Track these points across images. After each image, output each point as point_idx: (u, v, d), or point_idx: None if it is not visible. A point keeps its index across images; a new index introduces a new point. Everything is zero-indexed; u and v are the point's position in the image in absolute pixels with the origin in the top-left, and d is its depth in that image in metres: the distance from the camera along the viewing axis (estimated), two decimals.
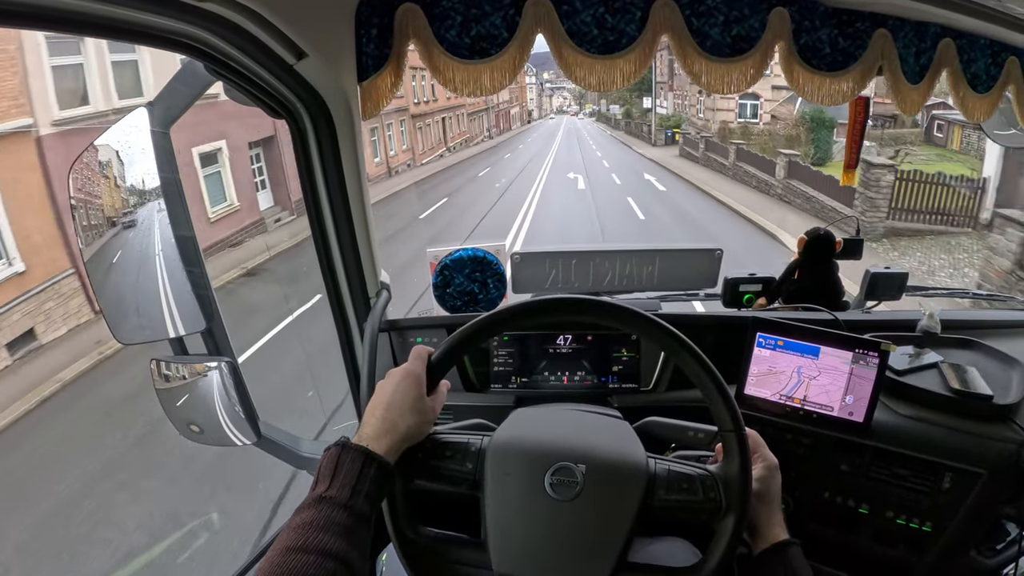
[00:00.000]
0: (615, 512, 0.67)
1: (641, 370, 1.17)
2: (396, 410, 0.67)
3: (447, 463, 0.70)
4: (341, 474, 0.61)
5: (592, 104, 63.64)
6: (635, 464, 0.70)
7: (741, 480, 0.68)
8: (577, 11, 0.98)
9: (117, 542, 3.44)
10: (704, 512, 0.68)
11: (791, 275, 1.33)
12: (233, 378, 0.97)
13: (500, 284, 1.28)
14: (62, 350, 6.34)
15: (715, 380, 0.69)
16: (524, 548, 0.66)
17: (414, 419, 0.68)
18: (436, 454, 0.71)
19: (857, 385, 0.97)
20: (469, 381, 1.19)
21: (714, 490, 0.68)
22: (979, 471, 0.95)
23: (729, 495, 0.68)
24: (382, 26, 0.98)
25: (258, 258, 8.87)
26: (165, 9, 0.68)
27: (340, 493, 0.60)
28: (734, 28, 1.02)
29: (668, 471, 0.70)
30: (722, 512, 0.68)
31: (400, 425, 0.67)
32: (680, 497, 0.68)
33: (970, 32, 1.11)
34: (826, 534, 1.04)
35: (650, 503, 0.67)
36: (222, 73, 0.84)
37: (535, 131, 46.46)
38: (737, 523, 0.67)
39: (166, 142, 0.91)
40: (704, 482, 0.69)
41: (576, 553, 0.66)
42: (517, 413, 0.78)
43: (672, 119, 27.31)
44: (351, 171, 1.02)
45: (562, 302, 0.73)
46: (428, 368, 0.72)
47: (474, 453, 0.71)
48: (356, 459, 0.62)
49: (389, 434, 0.66)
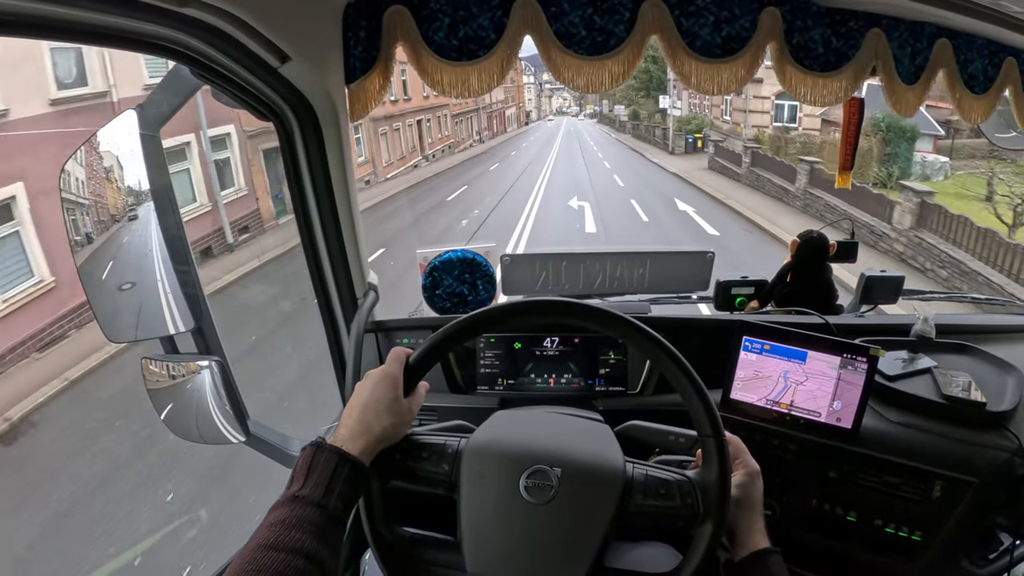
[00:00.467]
0: (590, 516, 0.67)
1: (628, 373, 1.17)
2: (372, 411, 0.68)
3: (423, 464, 0.71)
4: (315, 473, 0.62)
5: (593, 105, 61.83)
6: (612, 468, 0.70)
7: (720, 486, 0.67)
8: (565, 12, 0.98)
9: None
10: (681, 518, 0.68)
11: (784, 278, 1.32)
12: (223, 377, 0.98)
13: (490, 286, 1.28)
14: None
15: (695, 384, 0.68)
16: (498, 550, 0.66)
17: (390, 420, 0.69)
18: (413, 455, 0.71)
19: (845, 391, 0.96)
20: (455, 382, 1.19)
21: (692, 496, 0.68)
22: (970, 479, 0.93)
23: (707, 501, 0.68)
24: (370, 28, 0.98)
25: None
26: (148, 15, 0.68)
27: (313, 492, 0.60)
28: (724, 28, 1.01)
29: (646, 476, 0.70)
30: (699, 519, 0.67)
31: (375, 426, 0.67)
32: (657, 502, 0.68)
33: (967, 32, 1.09)
34: (814, 542, 1.03)
35: (626, 507, 0.67)
36: (208, 77, 0.84)
37: (532, 134, 43.33)
38: (715, 530, 0.67)
39: (155, 144, 0.92)
40: (682, 488, 0.69)
41: (550, 556, 0.66)
42: (496, 416, 0.78)
43: (692, 122, 23.72)
44: (338, 173, 1.03)
45: (536, 305, 0.74)
46: (406, 369, 0.72)
47: (450, 455, 0.71)
48: (330, 459, 0.63)
49: (364, 435, 0.66)
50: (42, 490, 3.97)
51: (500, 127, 40.66)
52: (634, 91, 33.51)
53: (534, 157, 24.95)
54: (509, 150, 29.90)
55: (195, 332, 0.99)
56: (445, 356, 0.73)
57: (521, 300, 0.74)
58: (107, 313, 0.94)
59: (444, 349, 0.73)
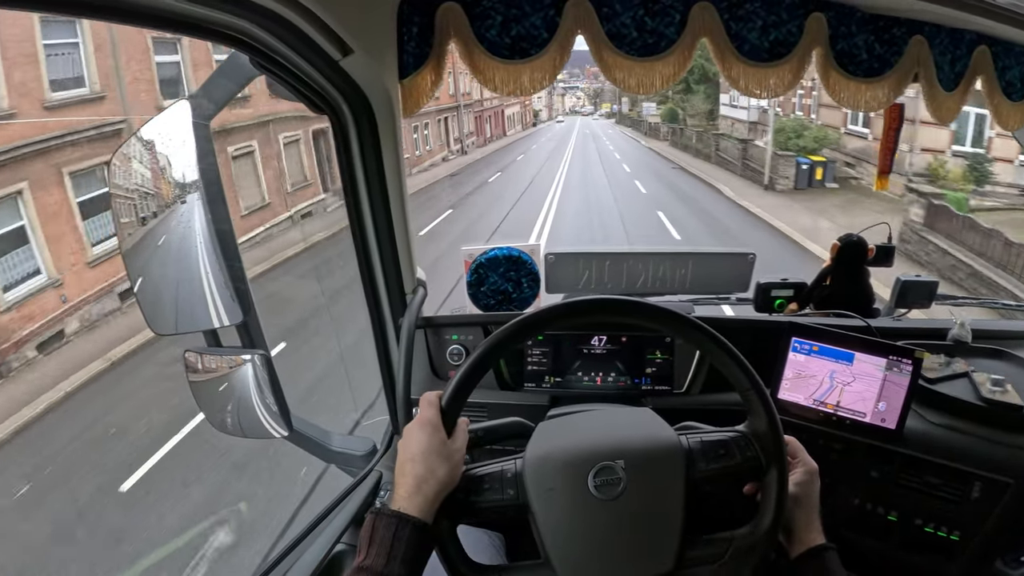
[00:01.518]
0: (664, 495, 0.67)
1: (675, 372, 1.17)
2: (421, 463, 0.67)
3: (488, 495, 0.70)
4: (376, 541, 0.62)
5: (610, 104, 51.93)
6: (669, 444, 0.70)
7: (772, 432, 0.69)
8: (617, 13, 0.99)
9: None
10: (746, 472, 0.69)
11: (823, 281, 1.33)
12: (267, 371, 0.97)
13: (534, 283, 1.28)
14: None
15: (728, 351, 0.70)
16: (587, 556, 0.66)
17: (442, 467, 0.67)
18: (475, 490, 0.70)
19: (890, 392, 0.97)
20: (503, 379, 1.19)
21: (751, 448, 0.69)
22: (1008, 481, 0.94)
23: (766, 450, 0.69)
24: (423, 25, 0.98)
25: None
26: (214, 1, 0.68)
27: (376, 562, 0.60)
28: (772, 33, 1.02)
29: (702, 442, 0.71)
30: (764, 468, 0.69)
31: (430, 478, 0.66)
32: (720, 464, 0.69)
33: (1005, 39, 1.11)
34: (855, 541, 1.04)
35: (693, 477, 0.68)
36: (267, 67, 0.84)
37: (537, 139, 33.62)
38: (780, 474, 0.68)
39: (207, 134, 0.91)
40: (739, 443, 0.70)
41: (640, 546, 0.66)
42: (540, 428, 0.77)
43: (804, 134, 13.48)
44: (391, 168, 1.03)
45: (531, 319, 0.73)
46: (441, 411, 0.71)
47: (511, 478, 0.70)
48: (389, 524, 0.62)
49: (420, 490, 0.65)
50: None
51: (497, 130, 32.62)
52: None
53: (531, 183, 15.95)
54: (493, 168, 19.38)
55: (240, 326, 0.98)
56: (475, 386, 0.72)
57: (524, 317, 0.73)
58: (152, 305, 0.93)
59: (473, 383, 0.72)
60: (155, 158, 0.94)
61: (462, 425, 0.74)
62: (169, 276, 0.95)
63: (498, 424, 0.82)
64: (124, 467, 4.28)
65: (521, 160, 20.92)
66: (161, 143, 0.93)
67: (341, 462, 1.07)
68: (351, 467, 1.08)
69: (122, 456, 4.44)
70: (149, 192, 0.95)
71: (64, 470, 4.48)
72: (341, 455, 1.06)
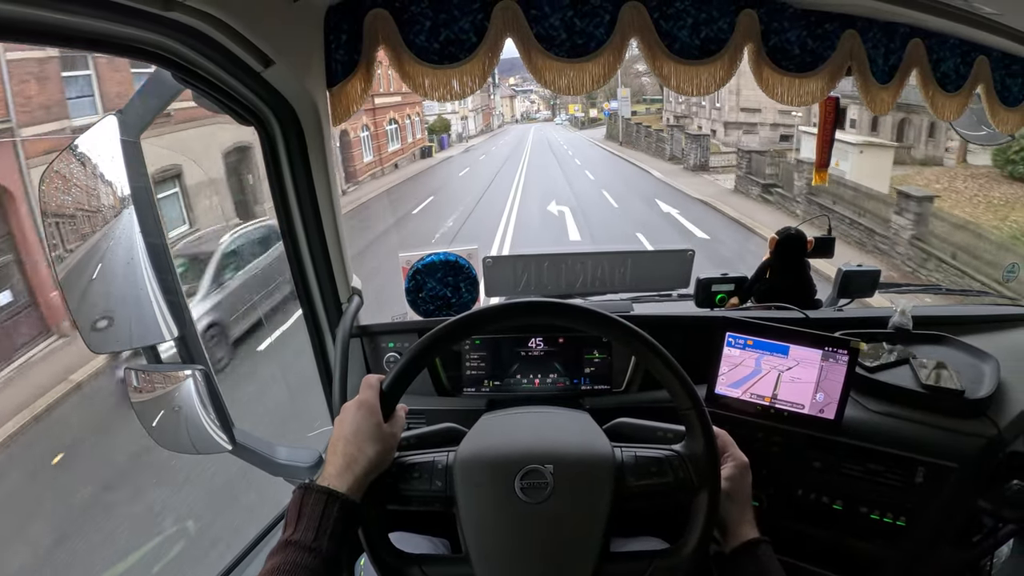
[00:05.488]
0: (590, 506, 0.67)
1: (613, 372, 1.18)
2: (354, 444, 0.67)
3: (416, 484, 0.70)
4: (305, 516, 0.62)
5: (576, 106, 43.62)
6: (602, 456, 0.70)
7: (707, 455, 0.68)
8: (546, 15, 0.99)
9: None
10: (677, 492, 0.69)
11: (763, 275, 1.34)
12: (207, 386, 0.97)
13: (472, 288, 1.28)
14: None
15: (668, 364, 0.69)
16: (506, 556, 0.66)
17: (374, 449, 0.68)
18: (404, 477, 0.71)
19: (827, 383, 0.98)
20: (441, 385, 1.19)
21: (683, 468, 0.69)
22: (951, 465, 0.96)
23: (699, 471, 0.68)
24: (351, 32, 0.98)
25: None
26: (131, 19, 0.68)
27: (304, 536, 0.61)
28: (703, 30, 1.03)
29: (635, 457, 0.70)
30: (695, 489, 0.68)
31: (360, 458, 0.67)
32: (651, 481, 0.69)
33: (939, 32, 1.12)
34: (801, 531, 1.05)
35: (622, 491, 0.68)
36: (190, 81, 0.84)
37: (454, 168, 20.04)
38: (711, 497, 0.68)
39: (136, 150, 0.91)
40: (672, 462, 0.69)
41: (558, 553, 0.66)
42: (480, 422, 0.77)
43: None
44: (321, 177, 1.03)
45: (479, 315, 0.73)
46: (381, 395, 0.71)
47: (441, 470, 0.70)
48: (319, 500, 0.63)
49: (350, 469, 0.66)
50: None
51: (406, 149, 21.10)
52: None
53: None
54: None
55: (178, 341, 0.97)
56: (418, 374, 0.72)
57: (469, 313, 0.73)
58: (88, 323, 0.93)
59: (415, 370, 0.72)
60: (84, 174, 0.94)
61: (400, 412, 0.74)
62: (103, 293, 0.94)
63: (430, 431, 0.82)
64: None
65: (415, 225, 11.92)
66: (90, 159, 0.93)
67: (288, 474, 1.07)
68: (298, 479, 1.08)
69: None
70: (80, 210, 0.94)
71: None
72: (287, 467, 1.06)
